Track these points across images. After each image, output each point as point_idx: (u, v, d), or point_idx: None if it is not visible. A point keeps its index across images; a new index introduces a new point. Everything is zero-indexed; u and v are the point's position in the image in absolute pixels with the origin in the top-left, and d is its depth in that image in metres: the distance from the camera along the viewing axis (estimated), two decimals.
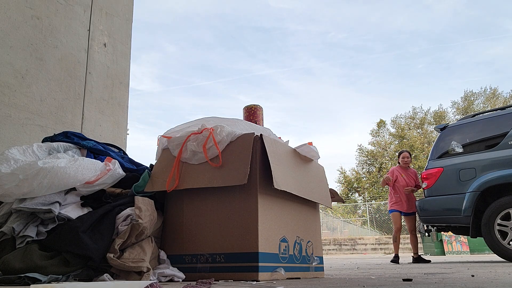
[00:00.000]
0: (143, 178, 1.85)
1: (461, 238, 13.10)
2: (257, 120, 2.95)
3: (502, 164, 4.64)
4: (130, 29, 3.67)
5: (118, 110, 3.39)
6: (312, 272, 2.00)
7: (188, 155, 1.79)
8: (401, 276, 2.11)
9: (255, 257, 1.58)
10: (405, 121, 29.56)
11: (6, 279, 1.37)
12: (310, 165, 2.04)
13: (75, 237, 1.49)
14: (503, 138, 4.79)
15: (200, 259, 1.70)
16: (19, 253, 1.45)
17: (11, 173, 1.57)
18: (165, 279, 1.62)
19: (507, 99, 26.81)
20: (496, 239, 4.53)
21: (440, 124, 5.78)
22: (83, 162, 1.71)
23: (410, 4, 38.71)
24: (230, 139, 1.75)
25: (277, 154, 1.76)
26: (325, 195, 2.15)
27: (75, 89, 3.02)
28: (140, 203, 1.67)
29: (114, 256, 1.52)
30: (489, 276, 1.96)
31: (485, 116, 5.25)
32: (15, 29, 2.66)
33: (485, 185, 4.66)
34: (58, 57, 2.93)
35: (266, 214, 1.68)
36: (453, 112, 28.82)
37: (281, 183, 1.68)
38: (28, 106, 2.67)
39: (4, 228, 1.53)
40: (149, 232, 1.68)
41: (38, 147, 1.83)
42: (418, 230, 6.94)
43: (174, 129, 1.95)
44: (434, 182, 5.14)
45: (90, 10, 3.26)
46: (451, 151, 5.27)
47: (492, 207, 4.61)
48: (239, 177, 1.62)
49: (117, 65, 3.45)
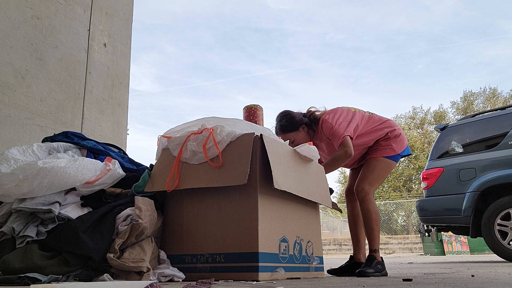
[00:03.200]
0: (143, 178, 1.85)
1: (461, 238, 13.10)
2: (257, 120, 2.95)
3: (502, 164, 4.65)
4: (130, 29, 3.67)
5: (118, 110, 3.39)
6: (312, 272, 2.00)
7: (188, 155, 1.79)
8: (401, 276, 2.11)
9: (255, 257, 1.58)
10: (405, 121, 29.56)
11: (6, 279, 1.37)
12: (310, 165, 2.05)
13: (75, 237, 1.49)
14: (503, 138, 4.79)
15: (200, 259, 1.70)
16: (19, 253, 1.45)
17: (11, 173, 1.57)
18: (165, 279, 1.62)
19: (507, 99, 26.81)
20: (496, 239, 4.54)
21: (440, 124, 5.78)
22: (83, 162, 1.71)
23: (408, 5, 38.73)
24: (230, 139, 1.75)
25: (277, 154, 1.76)
26: (325, 195, 2.15)
27: (75, 89, 3.02)
28: (140, 203, 1.67)
29: (114, 256, 1.52)
30: (489, 276, 1.96)
31: (485, 116, 5.25)
32: (15, 29, 2.67)
33: (485, 185, 4.67)
34: (58, 57, 2.93)
35: (266, 214, 1.68)
36: (453, 112, 28.82)
37: (281, 183, 1.68)
38: (28, 106, 2.67)
39: (4, 228, 1.53)
40: (149, 232, 1.68)
41: (38, 147, 1.83)
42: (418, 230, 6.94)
43: (174, 129, 1.95)
44: (434, 182, 5.15)
45: (90, 10, 3.26)
46: (451, 151, 5.27)
47: (492, 207, 4.62)
48: (239, 177, 1.62)
49: (117, 65, 3.45)
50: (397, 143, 2.52)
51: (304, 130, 2.54)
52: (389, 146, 2.50)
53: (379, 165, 2.49)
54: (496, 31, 37.44)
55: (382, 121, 2.56)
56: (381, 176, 2.51)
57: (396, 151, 2.51)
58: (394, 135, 2.53)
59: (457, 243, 13.18)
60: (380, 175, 2.51)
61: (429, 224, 5.37)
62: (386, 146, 2.51)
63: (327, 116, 2.46)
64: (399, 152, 2.53)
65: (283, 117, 2.56)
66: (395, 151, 2.51)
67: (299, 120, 2.53)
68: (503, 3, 35.57)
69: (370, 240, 2.43)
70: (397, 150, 2.52)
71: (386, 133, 2.51)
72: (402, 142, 2.56)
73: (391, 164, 2.53)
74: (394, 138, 2.52)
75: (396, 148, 2.51)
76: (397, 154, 2.52)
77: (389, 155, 2.50)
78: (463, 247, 13.21)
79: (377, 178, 2.49)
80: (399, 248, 15.81)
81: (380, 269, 2.30)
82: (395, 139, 2.52)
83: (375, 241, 2.42)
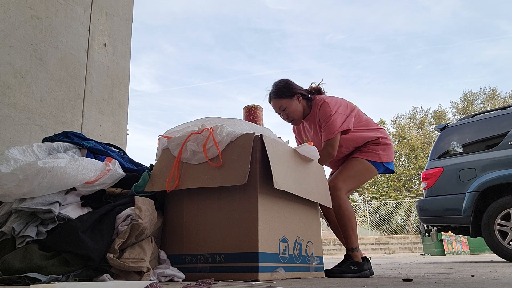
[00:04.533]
0: (143, 178, 1.85)
1: (461, 238, 13.09)
2: (257, 120, 2.95)
3: (502, 164, 4.65)
4: (130, 29, 3.67)
5: (118, 110, 3.39)
6: (312, 272, 2.00)
7: (188, 155, 1.79)
8: (401, 276, 2.11)
9: (255, 257, 1.58)
10: (405, 121, 29.58)
11: (6, 279, 1.37)
12: (310, 165, 2.04)
13: (75, 237, 1.49)
14: (503, 138, 4.79)
15: (200, 259, 1.70)
16: (19, 253, 1.45)
17: (11, 173, 1.57)
18: (165, 279, 1.62)
19: (507, 99, 26.81)
20: (496, 239, 4.54)
21: (440, 124, 5.78)
22: (83, 162, 1.71)
23: (407, 5, 38.74)
24: (230, 139, 1.75)
25: (277, 154, 1.76)
26: (325, 195, 2.15)
27: (75, 89, 3.02)
28: (140, 203, 1.67)
29: (114, 256, 1.52)
30: (489, 276, 1.96)
31: (485, 116, 5.25)
32: (15, 29, 2.66)
33: (485, 185, 4.67)
34: (58, 57, 2.93)
35: (266, 214, 1.68)
36: (453, 112, 28.84)
37: (281, 183, 1.68)
38: (28, 106, 2.67)
39: (4, 228, 1.53)
40: (149, 232, 1.68)
41: (38, 147, 1.83)
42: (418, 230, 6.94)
43: (174, 129, 1.95)
44: (434, 182, 5.15)
45: (90, 10, 3.26)
46: (451, 151, 5.27)
47: (492, 207, 4.62)
48: (239, 177, 1.62)
49: (117, 65, 3.45)
50: (384, 151, 2.44)
51: (299, 100, 2.44)
52: (376, 152, 2.42)
53: (359, 166, 2.41)
54: (495, 32, 37.47)
55: (377, 127, 2.52)
56: (358, 177, 2.41)
57: (381, 159, 2.43)
58: (384, 143, 2.46)
59: (457, 243, 13.18)
60: (358, 176, 2.41)
61: (429, 224, 5.37)
62: (372, 150, 2.43)
63: (329, 99, 2.36)
64: (383, 161, 2.44)
65: (280, 81, 2.46)
66: (380, 158, 2.42)
67: (297, 88, 2.44)
68: (502, 4, 35.61)
69: (345, 239, 2.34)
70: (382, 159, 2.43)
71: (378, 137, 2.45)
72: (389, 152, 2.47)
73: (371, 170, 2.43)
74: (383, 146, 2.45)
75: (382, 156, 2.43)
76: (380, 162, 2.43)
77: (372, 160, 2.42)
78: (463, 247, 13.20)
79: (352, 177, 2.38)
80: (399, 248, 15.81)
81: (354, 270, 2.20)
82: (384, 147, 2.45)
83: (350, 239, 2.31)
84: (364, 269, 2.25)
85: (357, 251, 2.31)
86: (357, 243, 2.34)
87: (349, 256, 2.29)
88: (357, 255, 2.29)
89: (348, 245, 2.32)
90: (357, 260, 2.28)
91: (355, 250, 2.30)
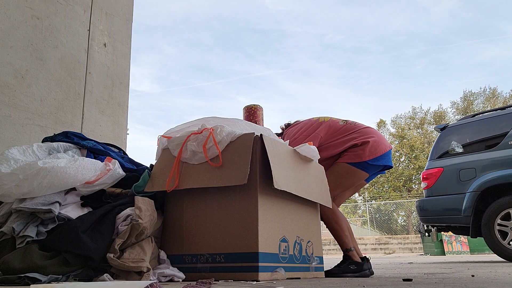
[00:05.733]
0: (143, 178, 1.85)
1: (461, 238, 13.09)
2: (257, 120, 2.95)
3: (502, 164, 4.65)
4: (130, 29, 3.67)
5: (118, 110, 3.39)
6: (312, 272, 2.00)
7: (188, 155, 1.79)
8: (401, 276, 2.11)
9: (255, 257, 1.58)
10: (405, 121, 29.58)
11: (6, 279, 1.37)
12: (310, 165, 2.04)
13: (75, 237, 1.49)
14: (503, 138, 4.79)
15: (200, 259, 1.70)
16: (19, 253, 1.45)
17: (11, 173, 1.57)
18: (165, 279, 1.62)
19: (507, 99, 26.81)
20: (496, 239, 4.54)
21: (440, 124, 5.78)
22: (83, 162, 1.70)
23: (407, 6, 38.78)
24: (230, 139, 1.75)
25: (277, 154, 1.76)
26: (325, 195, 2.15)
27: (75, 89, 3.02)
28: (140, 203, 1.67)
29: (114, 256, 1.52)
30: (489, 276, 1.96)
31: (485, 116, 5.25)
32: (15, 29, 2.66)
33: (485, 185, 4.67)
34: (58, 57, 2.93)
35: (266, 214, 1.68)
36: (453, 112, 28.84)
37: (281, 183, 1.68)
38: (28, 106, 2.67)
39: (4, 228, 1.53)
40: (149, 232, 1.68)
41: (38, 147, 1.83)
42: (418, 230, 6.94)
43: (174, 129, 1.95)
44: (434, 182, 5.15)
45: (90, 10, 3.26)
46: (451, 151, 5.27)
47: (492, 207, 4.62)
48: (239, 177, 1.62)
49: (117, 65, 3.45)
50: (364, 150, 2.33)
51: None
52: (354, 152, 2.35)
53: (338, 170, 2.36)
54: (495, 32, 37.48)
55: (355, 129, 2.43)
56: (339, 181, 2.36)
57: (361, 157, 2.33)
58: (362, 142, 2.35)
59: (457, 243, 13.18)
60: (338, 181, 2.35)
61: (429, 224, 5.37)
62: (351, 152, 2.37)
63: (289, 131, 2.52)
64: (365, 159, 2.33)
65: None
66: (360, 157, 2.33)
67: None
68: (501, 4, 35.63)
69: (338, 242, 2.36)
70: (363, 157, 2.33)
71: (351, 145, 2.36)
72: (372, 149, 2.35)
73: (353, 172, 2.36)
74: (361, 146, 2.36)
75: (363, 155, 2.33)
76: (362, 161, 2.34)
77: (352, 162, 2.35)
78: (463, 247, 13.20)
79: (333, 182, 2.31)
80: (399, 248, 15.81)
81: (353, 270, 2.21)
82: (362, 146, 2.35)
83: (343, 240, 2.31)
84: (363, 269, 2.26)
85: (353, 250, 2.34)
86: (351, 243, 2.35)
87: (348, 256, 2.32)
88: (354, 254, 2.32)
89: (343, 247, 2.36)
90: (356, 259, 2.30)
91: (350, 250, 2.33)
